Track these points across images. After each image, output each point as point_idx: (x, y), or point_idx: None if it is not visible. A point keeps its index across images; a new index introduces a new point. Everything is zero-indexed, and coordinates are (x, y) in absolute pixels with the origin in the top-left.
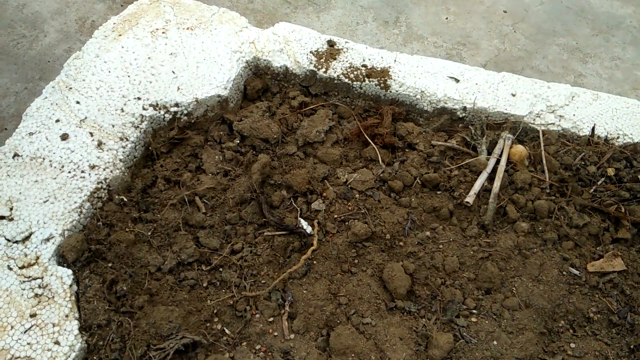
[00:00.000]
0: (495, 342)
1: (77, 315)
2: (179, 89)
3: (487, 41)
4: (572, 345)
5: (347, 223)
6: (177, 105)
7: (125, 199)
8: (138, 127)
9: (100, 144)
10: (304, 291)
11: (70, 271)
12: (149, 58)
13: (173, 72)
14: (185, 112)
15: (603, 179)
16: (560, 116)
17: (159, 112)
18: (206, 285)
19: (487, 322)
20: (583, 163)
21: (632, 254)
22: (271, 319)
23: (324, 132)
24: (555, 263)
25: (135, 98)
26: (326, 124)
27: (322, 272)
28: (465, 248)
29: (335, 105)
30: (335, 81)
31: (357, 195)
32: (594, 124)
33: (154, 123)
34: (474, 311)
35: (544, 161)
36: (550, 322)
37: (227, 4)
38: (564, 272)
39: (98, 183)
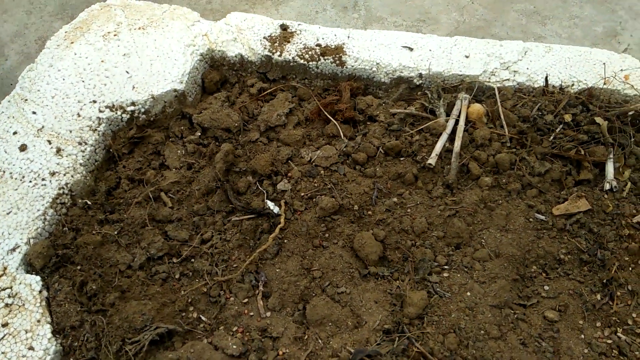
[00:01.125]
0: (468, 294)
1: (49, 319)
2: (134, 87)
3: (446, 15)
4: (546, 287)
5: (314, 199)
6: (133, 104)
7: (89, 203)
8: (96, 130)
9: (59, 150)
10: (277, 270)
11: (38, 278)
12: (102, 61)
13: (127, 72)
14: (143, 110)
15: (561, 126)
16: (515, 71)
17: (116, 113)
18: (178, 276)
19: (459, 275)
20: (540, 113)
21: (596, 193)
22: (246, 301)
23: (284, 115)
24: (521, 211)
25: (90, 102)
26: (286, 107)
27: (294, 249)
28: (432, 209)
29: (294, 87)
30: (292, 64)
31: (322, 172)
32: (547, 74)
33: (112, 125)
34: (446, 267)
35: (502, 116)
36: (522, 269)
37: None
38: (531, 219)
39: (59, 189)
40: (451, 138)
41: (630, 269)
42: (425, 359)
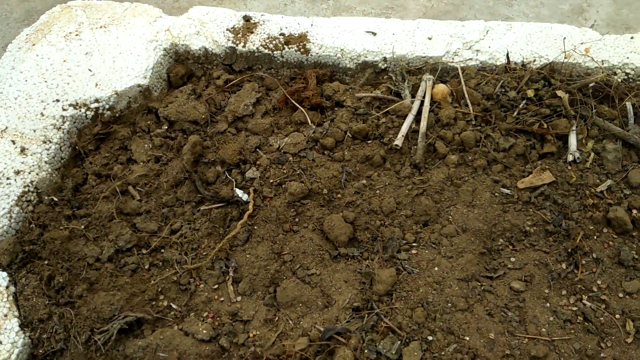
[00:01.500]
0: (436, 269)
1: (16, 313)
2: (97, 85)
3: (414, 1)
4: (512, 259)
5: (283, 185)
6: (97, 101)
7: (55, 199)
8: (60, 128)
9: (23, 149)
10: (247, 255)
11: (5, 274)
12: (64, 61)
13: (90, 70)
14: (107, 106)
15: (524, 102)
16: (477, 50)
17: (80, 111)
18: (148, 267)
19: (427, 252)
20: (503, 90)
21: (559, 165)
22: (216, 287)
23: (251, 105)
24: (487, 187)
25: (54, 101)
26: (253, 97)
27: (264, 235)
28: (401, 189)
29: (261, 77)
30: (256, 54)
31: (290, 158)
32: (508, 51)
33: (77, 122)
34: (414, 244)
35: (466, 95)
36: (489, 242)
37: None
38: (496, 194)
39: (25, 187)
40: (417, 119)
41: (595, 237)
42: (394, 333)
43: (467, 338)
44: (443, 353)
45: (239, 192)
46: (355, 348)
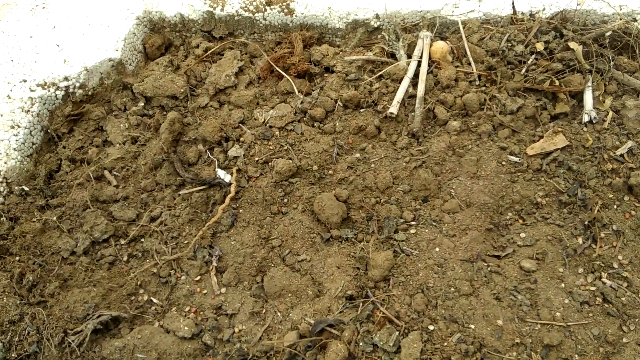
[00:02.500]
0: (437, 249)
1: None
2: (65, 61)
3: None
4: (522, 235)
5: (270, 163)
6: (66, 79)
7: (26, 189)
8: (29, 111)
9: None
10: (232, 242)
11: None
12: (30, 37)
13: (57, 45)
14: (78, 84)
15: (533, 56)
16: (479, 0)
17: (49, 91)
18: (127, 258)
19: (427, 230)
20: (509, 44)
21: (574, 126)
22: (198, 278)
23: (233, 75)
24: (493, 155)
25: (20, 81)
26: (235, 66)
27: (250, 219)
28: (397, 161)
29: (244, 44)
30: (236, 17)
31: (277, 133)
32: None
33: (47, 104)
34: (413, 223)
35: (468, 52)
36: (497, 217)
37: None
38: (503, 162)
39: None
40: (414, 82)
41: (615, 206)
42: (391, 323)
43: (472, 326)
44: (446, 344)
45: (221, 173)
46: (349, 341)
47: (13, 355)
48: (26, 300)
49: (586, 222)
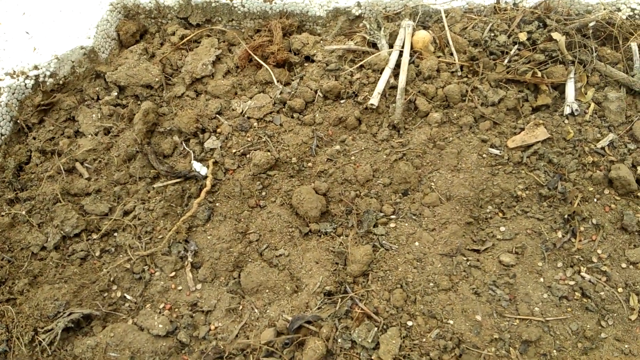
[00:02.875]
0: (417, 243)
1: None
2: (35, 49)
3: None
4: (502, 228)
5: (247, 155)
6: (36, 67)
7: None
8: None
9: None
10: (209, 237)
11: None
12: None
13: (27, 32)
14: (48, 73)
15: (516, 47)
16: None
17: (18, 80)
18: (99, 254)
19: (406, 224)
20: (492, 34)
21: (556, 118)
22: (173, 274)
23: (210, 64)
24: (474, 147)
25: None
26: (212, 54)
27: (227, 212)
28: (378, 154)
29: (222, 32)
30: (214, 4)
31: (255, 124)
32: None
33: (16, 93)
34: (392, 216)
35: (451, 42)
36: (476, 210)
37: None
38: (484, 155)
39: None
40: (395, 73)
41: (594, 200)
42: (370, 319)
43: (451, 322)
44: (424, 340)
45: (197, 166)
46: (327, 338)
47: None
48: None
49: (566, 216)
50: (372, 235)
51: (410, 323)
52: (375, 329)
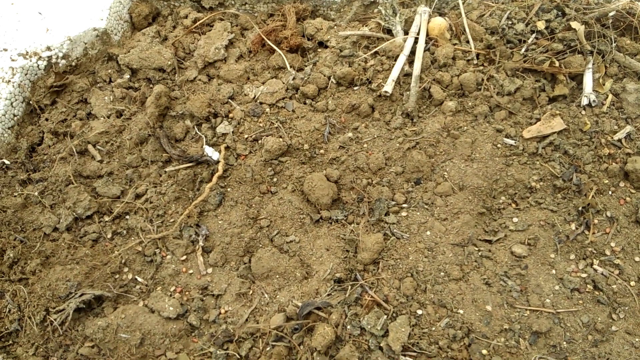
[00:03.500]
0: (428, 233)
1: None
2: (48, 30)
3: None
4: (515, 219)
5: (259, 141)
6: (49, 48)
7: (7, 162)
8: (10, 81)
9: None
10: (220, 222)
11: None
12: (12, 4)
13: (40, 13)
14: (61, 54)
15: (533, 36)
16: None
17: (31, 61)
18: (111, 236)
19: (418, 213)
20: (510, 22)
21: (572, 109)
22: (184, 257)
23: (223, 48)
24: (488, 137)
25: (1, 50)
26: (225, 38)
27: (238, 198)
28: (391, 142)
29: (235, 15)
30: None
31: (267, 110)
32: None
33: (29, 74)
34: (404, 205)
35: (467, 29)
36: (489, 200)
37: None
38: (499, 145)
39: None
40: (410, 60)
41: (610, 192)
42: (379, 306)
43: (461, 311)
44: (434, 328)
45: (209, 151)
46: (336, 324)
47: None
48: (7, 277)
49: (580, 208)
50: (383, 224)
51: (420, 312)
52: (385, 316)
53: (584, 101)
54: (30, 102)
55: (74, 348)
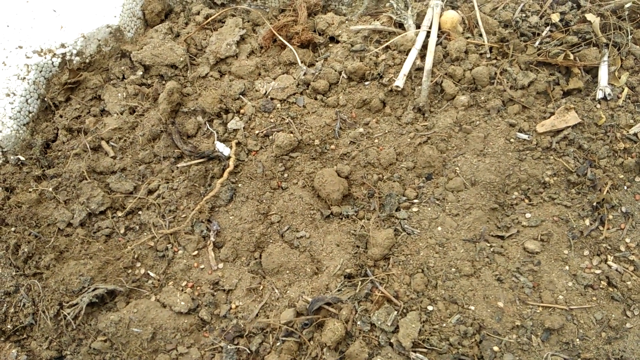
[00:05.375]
0: (439, 228)
1: None
2: (62, 27)
3: None
4: (528, 215)
5: (270, 137)
6: (63, 45)
7: (22, 158)
8: (25, 78)
9: None
10: (231, 217)
11: None
12: (27, 1)
13: (54, 10)
14: (75, 51)
15: (548, 28)
16: None
17: (45, 58)
18: (124, 231)
19: (429, 209)
20: (524, 15)
21: (587, 103)
22: (195, 253)
23: (234, 44)
24: (501, 132)
25: (16, 47)
26: (236, 34)
27: (249, 193)
28: (402, 137)
29: (246, 11)
30: None
31: (278, 105)
32: None
33: (43, 71)
34: (415, 201)
35: (480, 23)
36: (502, 196)
37: None
38: (512, 139)
39: None
40: (422, 54)
41: (625, 187)
42: (390, 302)
43: (472, 307)
44: (444, 325)
45: (220, 146)
46: (346, 320)
47: (8, 326)
48: (22, 271)
49: (594, 203)
50: (394, 219)
51: (430, 308)
52: (395, 312)
53: (599, 95)
54: (45, 99)
55: (87, 342)
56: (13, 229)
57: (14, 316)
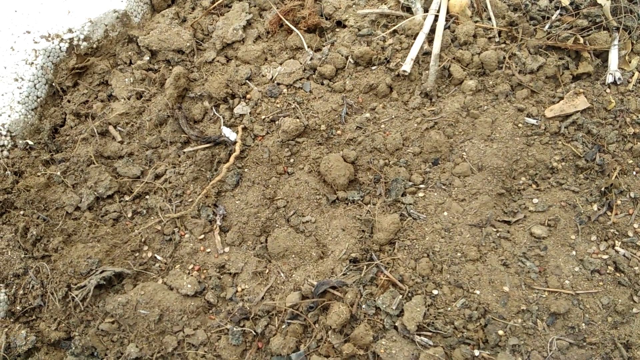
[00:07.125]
0: (445, 213)
1: None
2: (69, 12)
3: None
4: (535, 200)
5: (276, 122)
6: (70, 30)
7: (31, 143)
8: (33, 63)
9: None
10: (237, 202)
11: None
12: None
13: None
14: (82, 36)
15: (557, 12)
16: None
17: (53, 43)
18: (131, 215)
19: (435, 194)
20: None
21: (597, 87)
22: (202, 237)
23: (241, 29)
24: (509, 116)
25: (24, 32)
26: (243, 19)
27: (255, 178)
28: (409, 122)
29: None
30: None
31: (284, 90)
32: None
33: (51, 56)
34: (421, 186)
35: (489, 6)
36: (509, 181)
37: None
38: (520, 124)
39: None
40: (430, 38)
41: (634, 172)
42: (395, 286)
43: (478, 292)
44: (449, 309)
45: (227, 131)
46: (351, 303)
47: (18, 307)
48: (30, 254)
49: (603, 189)
50: (399, 204)
51: (435, 292)
52: (400, 296)
53: (609, 79)
54: (53, 84)
55: (95, 323)
56: (22, 212)
57: (23, 298)
